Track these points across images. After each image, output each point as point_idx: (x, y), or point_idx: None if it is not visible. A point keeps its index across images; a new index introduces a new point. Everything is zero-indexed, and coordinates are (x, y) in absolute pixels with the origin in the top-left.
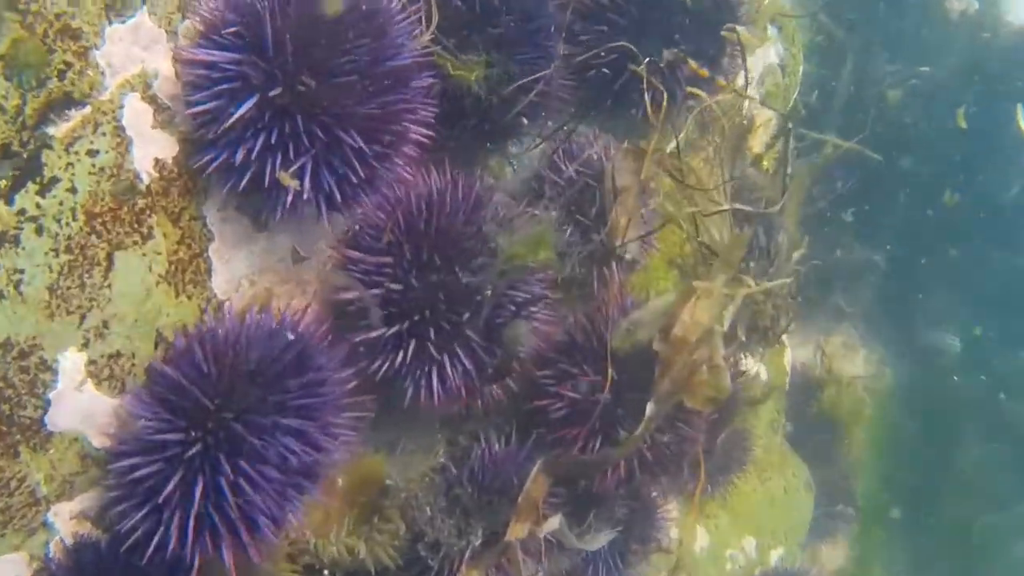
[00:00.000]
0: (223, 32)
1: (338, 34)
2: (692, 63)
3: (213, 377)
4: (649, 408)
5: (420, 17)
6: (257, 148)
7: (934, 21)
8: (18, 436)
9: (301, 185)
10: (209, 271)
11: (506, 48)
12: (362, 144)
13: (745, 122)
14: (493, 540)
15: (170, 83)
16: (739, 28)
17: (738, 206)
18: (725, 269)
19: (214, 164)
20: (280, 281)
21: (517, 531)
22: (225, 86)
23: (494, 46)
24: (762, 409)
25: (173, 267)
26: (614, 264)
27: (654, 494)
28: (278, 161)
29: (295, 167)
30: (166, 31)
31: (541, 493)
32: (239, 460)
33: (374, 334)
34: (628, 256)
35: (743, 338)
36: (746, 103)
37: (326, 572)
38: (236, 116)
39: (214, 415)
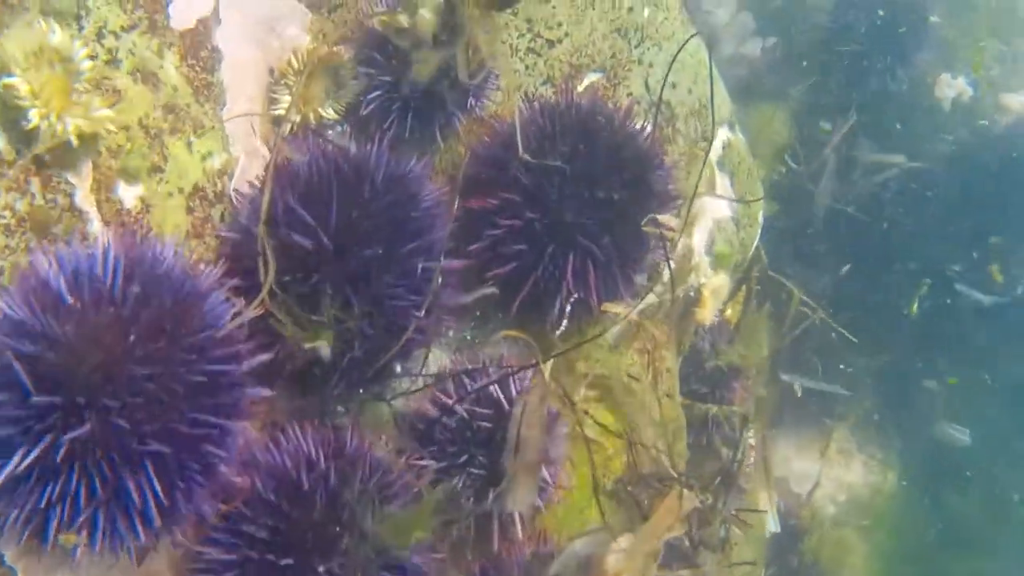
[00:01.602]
0: None
1: (117, 362)
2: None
3: None
4: None
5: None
6: (26, 511)
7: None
8: None
9: (91, 539)
10: None
11: (371, 285)
12: (156, 487)
13: (692, 295)
14: None
15: None
16: (663, 217)
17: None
18: (651, 538)
19: None
20: None
21: None
22: None
23: (354, 285)
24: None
25: None
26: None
27: None
28: (52, 521)
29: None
30: None
31: None
32: None
33: None
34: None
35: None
36: (691, 276)
37: None
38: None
39: None
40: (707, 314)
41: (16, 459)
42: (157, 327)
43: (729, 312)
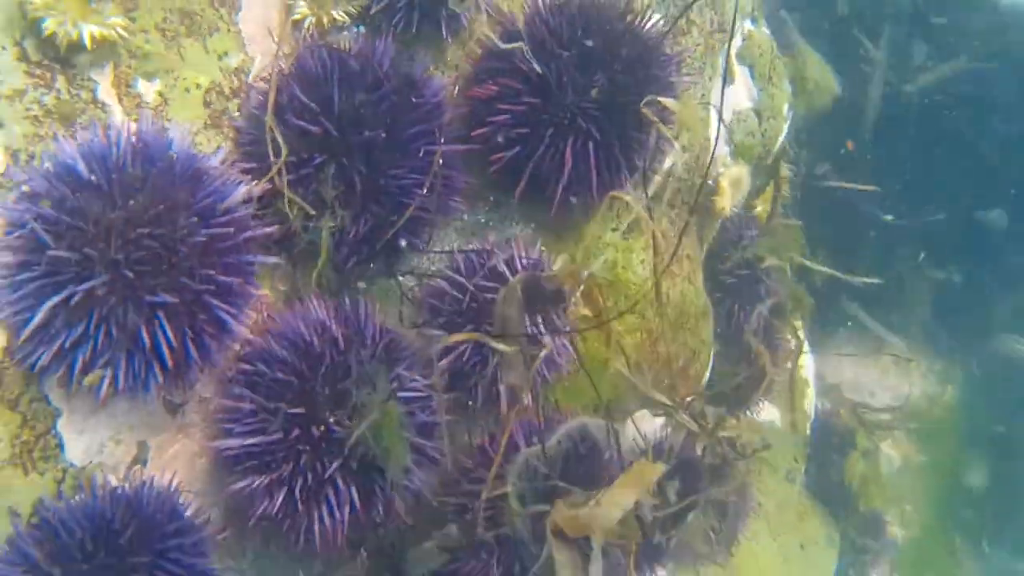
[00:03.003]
0: (13, 235)
1: (124, 225)
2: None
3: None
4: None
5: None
6: (53, 353)
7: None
8: None
9: (115, 379)
10: (60, 445)
11: (375, 165)
12: (168, 333)
13: (710, 183)
14: None
15: None
16: (664, 100)
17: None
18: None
19: (21, 367)
20: (154, 432)
21: None
22: (22, 291)
23: (358, 166)
24: (777, 458)
25: (19, 450)
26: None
27: None
28: (78, 361)
29: (96, 367)
30: None
31: None
32: None
33: (241, 485)
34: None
35: None
36: (709, 163)
37: None
38: (30, 328)
39: None
40: (725, 203)
41: (44, 308)
42: (163, 195)
43: (759, 209)
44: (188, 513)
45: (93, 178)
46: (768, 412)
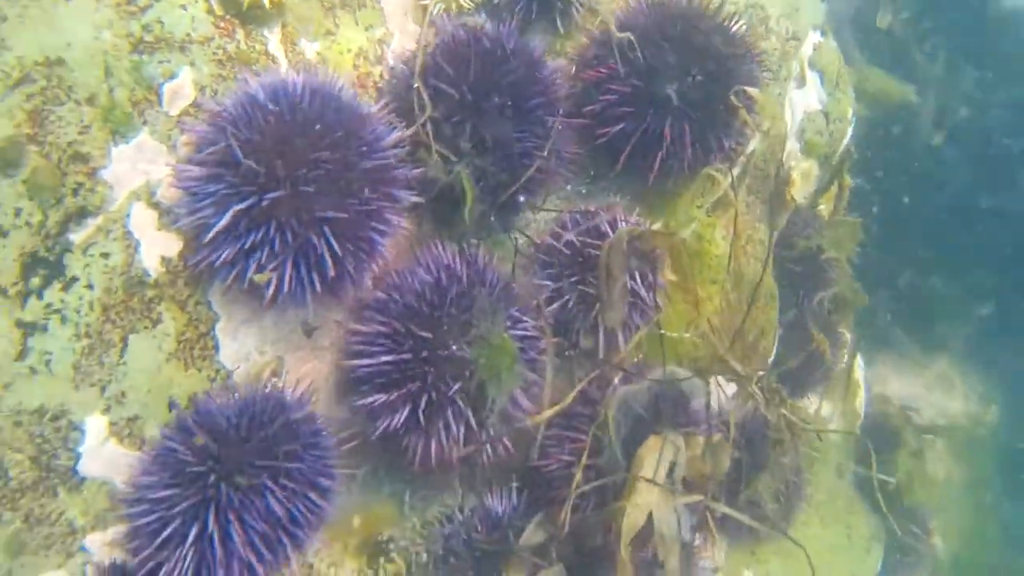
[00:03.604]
0: (205, 151)
1: (302, 149)
2: None
3: (206, 444)
4: None
5: (407, 109)
6: (233, 253)
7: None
8: (56, 480)
9: (280, 282)
10: (216, 347)
11: (501, 128)
12: (334, 244)
13: (782, 174)
14: None
15: (172, 189)
16: (750, 90)
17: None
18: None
19: (201, 266)
20: (292, 349)
21: None
22: (208, 199)
23: (488, 128)
24: (828, 453)
25: (182, 346)
26: (619, 332)
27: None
28: (252, 264)
29: (267, 268)
30: (166, 145)
31: (536, 543)
32: (226, 514)
33: (369, 400)
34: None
35: None
36: (784, 155)
37: None
38: (216, 230)
39: (205, 476)
40: (796, 193)
41: (231, 212)
42: (334, 128)
43: (823, 207)
44: (319, 422)
45: (276, 108)
46: (822, 407)
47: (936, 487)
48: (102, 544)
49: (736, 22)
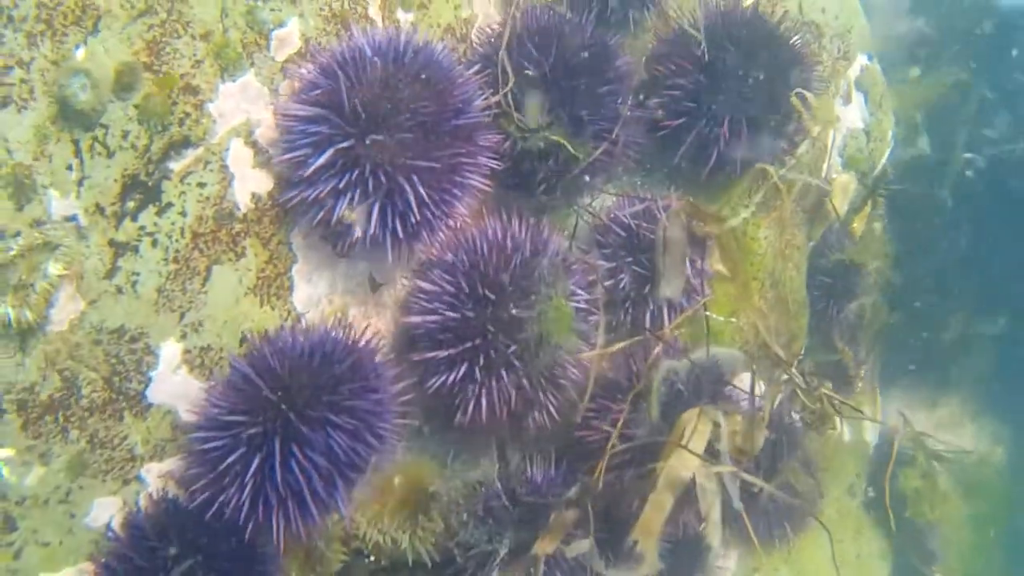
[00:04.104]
0: (311, 93)
1: (403, 99)
2: None
3: (278, 375)
4: None
5: (493, 80)
6: (327, 191)
7: None
8: (124, 403)
9: (368, 224)
10: (291, 288)
11: (574, 107)
12: (421, 191)
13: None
14: (521, 552)
15: (269, 131)
16: (808, 94)
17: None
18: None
19: (294, 201)
20: (357, 303)
21: (544, 547)
22: (309, 139)
23: (561, 108)
24: (841, 471)
25: (261, 282)
26: (664, 309)
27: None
28: (343, 202)
29: (356, 208)
30: (268, 89)
31: (572, 516)
32: (291, 444)
33: (429, 355)
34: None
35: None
36: (824, 166)
37: (370, 557)
38: (315, 165)
39: (274, 405)
40: (837, 204)
41: (331, 150)
42: (432, 84)
43: (856, 225)
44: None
45: (381, 60)
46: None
47: (948, 505)
48: (158, 475)
49: (795, 35)
